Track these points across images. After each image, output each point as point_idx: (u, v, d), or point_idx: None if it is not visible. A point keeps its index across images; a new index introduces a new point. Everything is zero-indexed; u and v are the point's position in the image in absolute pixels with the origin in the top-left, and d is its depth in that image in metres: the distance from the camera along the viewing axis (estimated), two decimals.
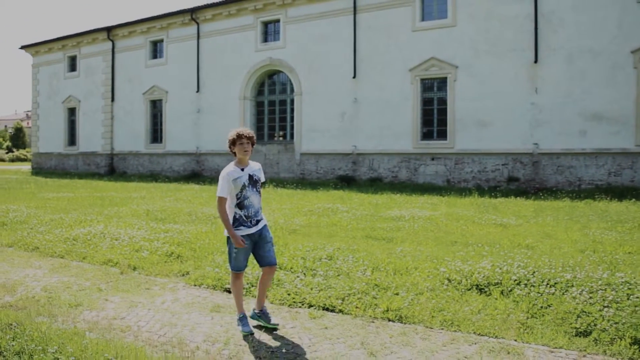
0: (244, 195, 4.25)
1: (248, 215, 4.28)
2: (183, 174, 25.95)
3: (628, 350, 3.84)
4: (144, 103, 27.67)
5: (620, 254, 7.15)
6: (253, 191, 4.31)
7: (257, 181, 4.35)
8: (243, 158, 4.29)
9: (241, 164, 4.32)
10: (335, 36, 21.72)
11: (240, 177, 4.24)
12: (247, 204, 4.27)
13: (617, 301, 4.60)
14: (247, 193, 4.26)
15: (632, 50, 16.74)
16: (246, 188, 4.26)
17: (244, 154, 4.27)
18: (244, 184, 4.25)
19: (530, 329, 4.27)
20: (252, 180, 4.30)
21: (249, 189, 4.27)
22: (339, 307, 4.87)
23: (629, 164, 17.03)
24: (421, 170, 20.13)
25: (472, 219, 10.63)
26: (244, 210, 4.27)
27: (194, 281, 6.00)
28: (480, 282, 5.29)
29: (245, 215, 4.28)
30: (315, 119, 22.29)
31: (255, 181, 4.33)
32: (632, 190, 16.10)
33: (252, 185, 4.30)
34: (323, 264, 6.16)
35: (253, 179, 4.31)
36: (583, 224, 10.03)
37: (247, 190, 4.26)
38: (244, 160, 4.32)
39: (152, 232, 8.63)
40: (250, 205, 4.29)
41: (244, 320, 4.37)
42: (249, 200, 4.28)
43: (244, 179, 4.25)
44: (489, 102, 18.84)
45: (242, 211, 4.27)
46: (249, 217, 4.29)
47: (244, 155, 4.28)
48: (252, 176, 4.32)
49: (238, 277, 4.47)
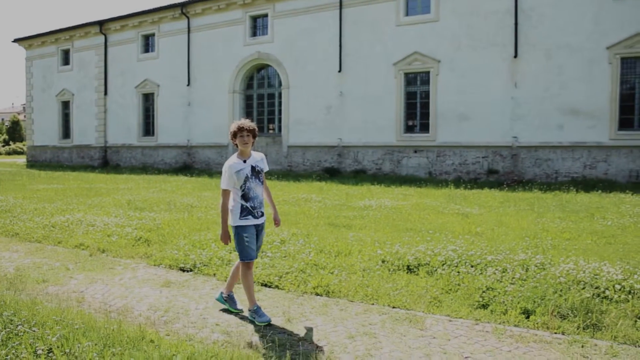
0: (247, 186, 4.32)
1: (254, 207, 4.36)
2: (174, 166, 26.45)
3: (516, 318, 4.34)
4: (136, 96, 28.12)
5: (559, 240, 7.65)
6: (256, 182, 4.38)
7: (259, 172, 4.42)
8: (244, 150, 4.35)
9: (243, 155, 4.38)
10: (321, 31, 22.14)
11: (242, 169, 4.31)
12: (252, 195, 4.35)
13: (524, 279, 5.10)
14: (250, 184, 4.33)
15: (607, 46, 17.15)
16: (249, 179, 4.32)
17: (244, 146, 4.32)
18: (247, 176, 4.31)
19: (440, 303, 4.77)
20: (254, 171, 4.37)
21: (252, 180, 4.34)
22: (275, 283, 5.38)
23: (604, 157, 17.50)
24: (404, 163, 20.61)
25: (437, 208, 11.12)
26: (250, 201, 4.34)
27: (154, 261, 6.51)
28: (411, 263, 5.78)
29: (252, 206, 4.35)
30: (302, 112, 22.75)
31: (258, 172, 4.40)
32: (605, 182, 16.59)
33: (255, 176, 4.37)
34: (274, 247, 6.66)
35: (255, 169, 4.38)
36: (540, 213, 10.52)
37: (251, 181, 4.33)
38: (245, 152, 4.38)
39: (127, 220, 9.14)
40: (255, 197, 4.37)
41: (259, 311, 4.37)
42: (254, 192, 4.35)
43: (246, 171, 4.32)
44: (470, 96, 19.28)
45: (249, 202, 4.34)
46: (255, 208, 4.37)
47: (245, 148, 4.33)
48: (255, 167, 4.39)
49: (249, 268, 4.45)
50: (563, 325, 4.19)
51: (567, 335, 4.05)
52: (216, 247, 6.83)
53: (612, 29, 17.04)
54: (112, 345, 3.53)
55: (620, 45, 16.98)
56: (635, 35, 16.70)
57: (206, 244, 7.01)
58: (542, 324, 4.23)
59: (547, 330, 4.16)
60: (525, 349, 3.79)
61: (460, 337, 4.01)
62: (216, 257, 6.32)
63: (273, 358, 3.59)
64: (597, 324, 4.20)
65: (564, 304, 4.44)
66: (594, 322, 4.22)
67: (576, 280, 4.95)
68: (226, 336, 4.05)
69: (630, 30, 16.75)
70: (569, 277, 5.01)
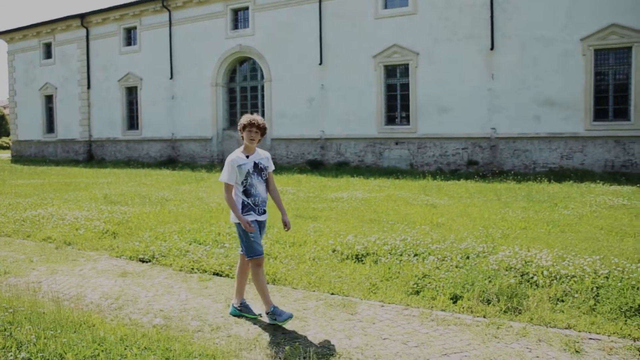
0: (249, 182, 4.22)
1: (256, 203, 4.27)
2: (159, 159, 26.57)
3: (444, 303, 4.60)
4: (119, 90, 28.15)
5: (514, 229, 7.92)
6: (258, 179, 4.27)
7: (262, 169, 4.30)
8: (249, 146, 4.26)
9: (247, 151, 4.28)
10: (301, 24, 22.27)
11: (244, 164, 4.22)
12: (254, 192, 4.25)
13: (460, 266, 5.36)
14: (252, 180, 4.23)
15: (581, 38, 17.40)
16: (251, 175, 4.22)
17: (250, 142, 4.22)
18: (249, 171, 4.22)
19: (377, 289, 5.02)
20: (257, 168, 4.27)
21: (254, 176, 4.24)
22: (226, 272, 5.61)
23: (580, 148, 17.81)
24: (386, 155, 20.85)
25: (408, 199, 11.37)
26: (251, 198, 4.25)
27: (116, 253, 6.73)
28: (359, 253, 6.03)
29: (253, 203, 4.26)
30: (284, 105, 22.93)
31: (260, 169, 4.29)
32: (581, 172, 16.90)
33: (258, 173, 4.27)
34: (232, 238, 6.89)
35: (259, 167, 4.28)
36: (507, 203, 10.80)
37: (252, 177, 4.23)
38: (250, 148, 4.28)
39: (97, 213, 9.33)
40: (257, 194, 4.27)
41: (277, 311, 4.17)
42: (255, 189, 4.26)
43: (248, 166, 4.22)
44: (449, 88, 19.51)
45: (250, 199, 4.25)
46: (257, 205, 4.28)
47: (250, 143, 4.24)
48: (258, 164, 4.29)
49: (259, 265, 4.28)
50: (487, 309, 4.45)
51: (488, 318, 4.30)
52: (178, 238, 7.06)
53: (586, 21, 17.28)
54: (53, 330, 3.75)
55: (594, 37, 17.24)
56: (608, 27, 16.95)
57: (169, 236, 7.22)
58: (468, 308, 4.49)
59: (471, 314, 4.41)
60: (443, 331, 4.04)
61: (385, 320, 4.26)
62: (175, 248, 6.53)
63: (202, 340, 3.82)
64: (518, 308, 4.47)
65: (491, 289, 4.70)
66: (515, 305, 4.48)
67: (508, 267, 5.22)
68: (166, 320, 4.28)
69: (603, 22, 17.00)
70: (502, 264, 5.28)
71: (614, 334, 3.99)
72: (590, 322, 4.17)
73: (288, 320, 4.09)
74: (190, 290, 5.13)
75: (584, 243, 6.73)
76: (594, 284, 4.75)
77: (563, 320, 4.22)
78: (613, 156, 17.31)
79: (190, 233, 7.33)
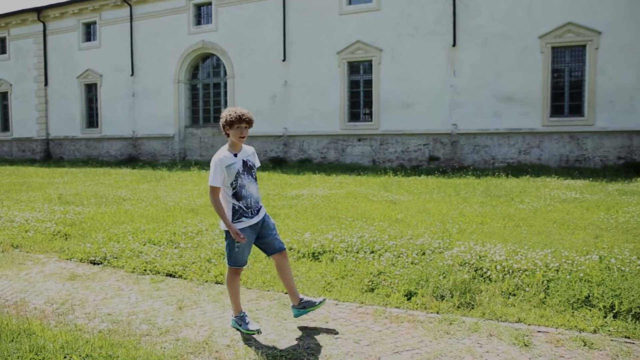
0: (239, 183, 3.82)
1: (248, 206, 3.88)
2: (120, 158, 25.98)
3: (398, 300, 4.59)
4: (78, 87, 27.37)
5: (471, 224, 8.01)
6: (249, 179, 3.90)
7: (252, 167, 3.94)
8: (237, 143, 3.86)
9: (234, 149, 3.88)
10: (265, 19, 22.08)
11: (233, 163, 3.81)
12: (245, 193, 3.86)
13: (416, 263, 5.37)
14: (242, 181, 3.84)
15: (539, 35, 17.79)
16: (241, 176, 3.84)
17: (240, 140, 3.84)
18: (238, 171, 3.82)
19: (332, 288, 4.98)
20: (246, 167, 3.89)
21: (244, 176, 3.86)
22: (179, 273, 5.49)
23: (537, 143, 18.22)
24: (348, 151, 20.90)
25: (368, 196, 11.39)
26: (243, 200, 3.85)
27: (66, 255, 6.49)
28: (316, 250, 5.98)
29: (245, 205, 3.87)
30: (247, 101, 22.63)
31: (250, 167, 3.92)
32: (538, 167, 17.30)
33: (247, 172, 3.89)
34: (188, 237, 6.75)
35: (247, 164, 3.91)
36: (465, 198, 10.93)
37: (243, 177, 3.85)
38: (237, 145, 3.89)
39: (50, 214, 9.00)
40: (249, 195, 3.88)
41: (246, 319, 3.97)
42: (246, 190, 3.86)
43: (237, 166, 3.83)
44: (411, 85, 19.66)
45: (241, 202, 3.85)
46: (249, 208, 3.89)
47: (240, 142, 3.86)
48: (247, 162, 3.91)
49: (237, 274, 4.02)
50: (440, 305, 4.46)
51: (441, 314, 4.32)
52: (132, 239, 6.87)
53: (544, 19, 17.67)
54: None
55: (551, 34, 17.65)
56: (565, 25, 17.38)
57: (123, 237, 7.02)
58: (422, 304, 4.50)
59: (425, 310, 4.42)
60: (396, 328, 4.03)
61: (339, 319, 4.22)
62: (128, 249, 6.35)
63: (149, 344, 3.70)
64: (471, 303, 4.50)
65: (445, 285, 4.72)
66: (468, 301, 4.51)
67: (463, 262, 5.25)
68: (113, 325, 4.13)
69: (560, 21, 17.42)
70: (457, 259, 5.31)
71: (562, 326, 4.06)
72: (540, 315, 4.23)
73: (252, 332, 3.89)
74: (141, 292, 4.99)
75: (537, 237, 6.86)
76: (544, 278, 4.83)
77: (514, 314, 4.26)
78: (568, 151, 17.78)
79: (145, 233, 7.14)
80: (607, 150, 17.23)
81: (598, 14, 16.88)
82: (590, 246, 6.12)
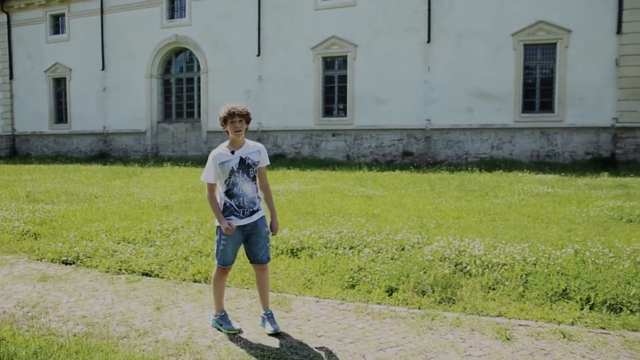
0: (232, 181, 3.72)
1: (240, 205, 3.76)
2: (90, 154, 25.42)
3: (379, 296, 4.58)
4: (46, 81, 26.66)
5: (447, 219, 8.07)
6: (244, 177, 3.75)
7: (250, 165, 3.77)
8: (236, 139, 3.75)
9: (233, 145, 3.77)
10: (240, 14, 21.85)
11: (227, 161, 3.71)
12: (237, 192, 3.74)
13: (396, 258, 5.37)
14: (236, 179, 3.72)
15: (512, 33, 18.04)
16: (235, 174, 3.72)
17: (236, 134, 3.72)
18: (232, 169, 3.71)
19: (312, 284, 4.94)
20: (243, 165, 3.74)
21: (239, 174, 3.73)
22: (156, 272, 5.36)
23: (509, 139, 18.50)
24: (323, 146, 20.87)
25: (344, 191, 11.38)
26: (234, 199, 3.75)
27: (36, 256, 6.28)
28: (294, 247, 5.93)
29: (237, 204, 3.76)
30: (221, 96, 22.40)
31: (248, 165, 3.76)
32: (509, 162, 17.57)
33: (244, 170, 3.75)
34: (164, 235, 6.62)
35: (245, 162, 3.75)
36: (440, 193, 11.02)
37: (237, 176, 3.73)
38: (236, 142, 3.76)
39: (18, 213, 8.71)
40: (242, 194, 3.75)
41: (226, 318, 3.90)
42: (239, 188, 3.74)
43: (232, 164, 3.71)
44: (386, 80, 19.72)
45: (233, 200, 3.76)
46: (241, 207, 3.77)
47: (237, 136, 3.73)
48: (245, 159, 3.76)
49: (224, 273, 3.93)
50: (422, 301, 4.47)
51: (423, 309, 4.32)
52: (105, 237, 6.70)
53: (516, 17, 17.93)
54: None
55: (523, 32, 17.92)
56: (536, 23, 17.68)
57: (96, 235, 6.84)
58: (403, 300, 4.49)
59: (406, 306, 4.41)
60: (378, 325, 4.01)
61: (321, 316, 4.18)
62: (102, 248, 6.18)
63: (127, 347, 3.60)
64: (452, 298, 4.51)
65: (425, 280, 4.73)
66: (449, 296, 4.53)
67: (443, 257, 5.27)
68: (89, 328, 4.01)
69: (531, 19, 17.71)
70: (437, 254, 5.33)
71: (541, 319, 4.11)
72: (519, 309, 4.27)
73: (233, 332, 3.81)
74: (116, 292, 4.86)
75: (513, 231, 6.95)
76: (523, 271, 4.88)
77: (494, 308, 4.29)
78: (538, 146, 18.11)
79: (119, 231, 6.98)
80: (575, 145, 17.61)
81: (568, 13, 17.20)
82: (565, 240, 6.23)
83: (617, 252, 5.50)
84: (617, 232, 6.90)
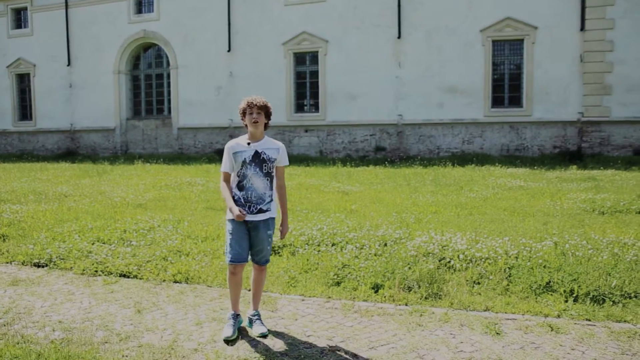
0: (243, 173, 3.67)
1: (247, 199, 3.69)
2: (57, 152, 24.69)
3: (365, 293, 4.54)
4: (9, 77, 25.76)
5: (425, 213, 8.10)
6: (256, 171, 3.67)
7: (265, 161, 3.69)
8: (254, 131, 3.70)
9: (251, 138, 3.73)
10: (209, 9, 21.52)
11: (241, 151, 3.67)
12: (247, 185, 3.68)
13: (379, 254, 5.34)
14: (246, 171, 3.66)
15: (480, 29, 18.27)
16: (247, 166, 3.66)
17: (254, 126, 3.67)
18: (245, 160, 3.66)
19: (297, 282, 4.86)
20: (257, 158, 3.67)
21: (251, 167, 3.67)
22: (134, 273, 5.20)
23: (479, 133, 18.75)
24: (295, 142, 20.77)
25: (320, 187, 11.33)
26: (244, 191, 3.69)
27: (6, 259, 6.02)
28: (275, 244, 5.83)
29: (245, 197, 3.69)
30: (191, 93, 22.12)
31: (262, 160, 3.68)
32: (480, 156, 17.80)
33: (257, 164, 3.67)
34: (140, 235, 6.44)
35: (260, 157, 3.68)
36: (416, 188, 11.08)
37: (248, 168, 3.66)
38: (254, 134, 3.71)
39: None
40: (251, 188, 3.68)
41: (230, 321, 3.78)
42: (249, 181, 3.68)
43: (245, 155, 3.66)
44: (357, 76, 19.73)
45: (242, 192, 3.70)
46: (248, 202, 3.69)
47: (254, 128, 3.67)
48: (260, 154, 3.69)
49: (233, 272, 3.78)
50: (408, 297, 4.44)
51: (410, 305, 4.29)
52: (78, 238, 6.47)
53: (484, 13, 18.15)
54: None
55: (491, 28, 18.15)
56: (504, 20, 17.94)
57: (68, 236, 6.60)
58: (389, 297, 4.46)
59: (393, 302, 4.38)
60: (367, 322, 3.97)
61: (308, 315, 4.12)
62: (76, 249, 5.96)
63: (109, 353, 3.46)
64: (438, 293, 4.50)
65: (411, 276, 4.71)
66: (435, 291, 4.52)
67: (426, 253, 5.27)
68: (67, 333, 3.84)
69: (499, 15, 17.96)
70: (420, 249, 5.32)
71: (528, 312, 4.13)
72: (505, 303, 4.29)
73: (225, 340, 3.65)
74: (94, 295, 4.68)
75: (491, 225, 7.01)
76: (506, 265, 4.91)
77: (481, 302, 4.30)
78: (508, 140, 18.41)
79: (93, 231, 6.76)
80: (544, 139, 17.96)
81: (534, 10, 17.51)
82: (542, 232, 6.31)
83: (594, 243, 5.60)
84: (591, 224, 7.04)
